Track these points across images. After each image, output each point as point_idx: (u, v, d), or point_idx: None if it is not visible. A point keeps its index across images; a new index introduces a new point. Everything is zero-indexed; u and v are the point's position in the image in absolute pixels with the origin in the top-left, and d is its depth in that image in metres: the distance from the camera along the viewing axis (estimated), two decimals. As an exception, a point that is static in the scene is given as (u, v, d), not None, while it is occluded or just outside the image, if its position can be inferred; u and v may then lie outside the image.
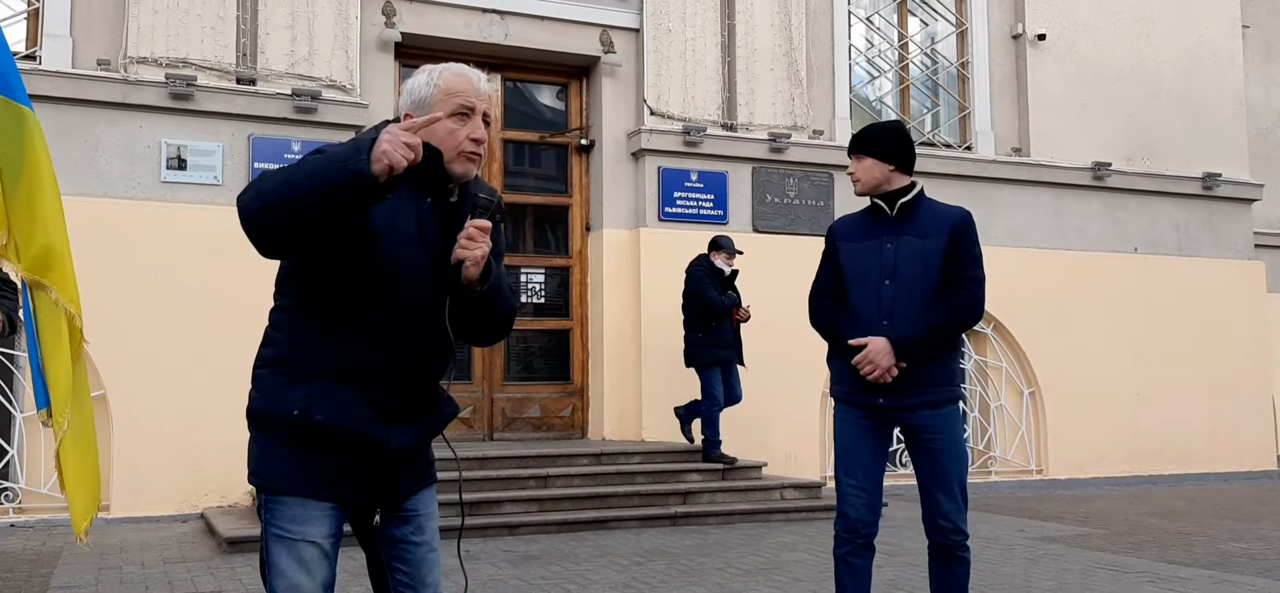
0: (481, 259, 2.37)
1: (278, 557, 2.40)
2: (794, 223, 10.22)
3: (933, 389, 3.83)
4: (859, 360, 3.80)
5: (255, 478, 2.46)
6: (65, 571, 6.10)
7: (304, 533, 2.39)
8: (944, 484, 3.84)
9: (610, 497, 8.00)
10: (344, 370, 2.38)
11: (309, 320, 2.41)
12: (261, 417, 2.44)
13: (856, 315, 3.89)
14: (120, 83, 8.13)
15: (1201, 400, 11.83)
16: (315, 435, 2.36)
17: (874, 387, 3.83)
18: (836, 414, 4.01)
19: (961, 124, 11.57)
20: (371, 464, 2.44)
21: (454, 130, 2.41)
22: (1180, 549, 7.03)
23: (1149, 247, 11.90)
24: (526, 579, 5.88)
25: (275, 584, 2.40)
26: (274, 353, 2.45)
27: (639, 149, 9.79)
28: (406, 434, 2.47)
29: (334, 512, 2.44)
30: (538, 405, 9.82)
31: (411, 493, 2.56)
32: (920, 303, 3.82)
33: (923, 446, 3.86)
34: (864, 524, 3.86)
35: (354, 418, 2.37)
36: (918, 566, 6.06)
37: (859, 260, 3.94)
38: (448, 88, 2.43)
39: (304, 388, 2.36)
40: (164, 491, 7.91)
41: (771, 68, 10.30)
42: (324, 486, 2.40)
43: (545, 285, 10.13)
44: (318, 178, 2.13)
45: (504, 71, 9.94)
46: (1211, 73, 12.44)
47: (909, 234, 3.90)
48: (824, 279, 4.07)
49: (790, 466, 9.62)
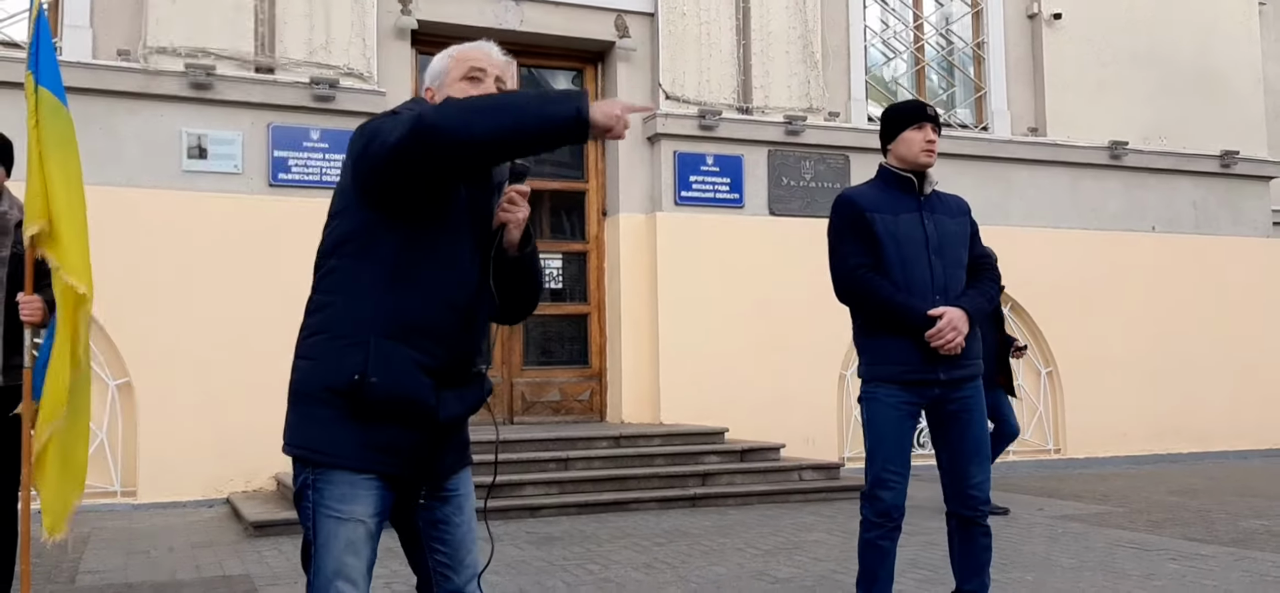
0: (523, 221, 2.48)
1: (326, 536, 2.39)
2: (810, 206, 10.21)
3: (972, 362, 3.88)
4: (938, 330, 3.73)
5: (299, 449, 2.43)
6: (94, 556, 6.19)
7: (352, 512, 2.39)
8: (977, 455, 3.89)
9: (629, 479, 8.05)
10: (400, 328, 2.38)
11: (366, 277, 2.40)
12: (312, 386, 2.41)
13: (910, 290, 3.78)
14: (140, 73, 8.20)
15: (1221, 379, 11.80)
16: (369, 405, 2.36)
17: (935, 362, 3.78)
18: (877, 397, 3.87)
19: (978, 104, 11.54)
20: (420, 436, 2.45)
21: (467, 91, 2.52)
22: (1201, 527, 7.03)
23: (1167, 225, 11.86)
24: (549, 560, 5.93)
25: (322, 565, 2.38)
26: (326, 317, 2.43)
27: (655, 134, 9.81)
28: (454, 404, 2.48)
29: (381, 489, 2.43)
30: (557, 389, 9.88)
31: (453, 472, 2.60)
32: (961, 280, 3.89)
33: (957, 419, 3.89)
34: (897, 509, 3.87)
35: (409, 384, 2.38)
36: (937, 545, 6.09)
37: (901, 233, 3.82)
38: (461, 56, 2.60)
39: (361, 352, 2.36)
40: (189, 476, 7.99)
41: (787, 50, 10.29)
42: (375, 458, 2.39)
43: (563, 271, 10.16)
44: (537, 118, 2.21)
45: (519, 57, 9.88)
46: (1228, 50, 12.36)
47: (940, 213, 3.92)
48: (860, 251, 3.85)
49: (809, 448, 9.65)
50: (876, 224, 3.83)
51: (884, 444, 3.86)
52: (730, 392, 9.53)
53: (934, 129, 3.91)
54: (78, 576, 5.65)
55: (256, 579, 5.50)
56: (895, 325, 3.80)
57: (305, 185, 8.55)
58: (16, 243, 4.24)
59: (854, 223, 3.87)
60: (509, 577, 5.45)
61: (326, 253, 2.49)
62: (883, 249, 3.82)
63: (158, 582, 5.48)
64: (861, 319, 3.96)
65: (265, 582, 5.43)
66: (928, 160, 3.89)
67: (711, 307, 9.69)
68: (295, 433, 2.45)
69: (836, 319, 4.08)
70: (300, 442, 2.43)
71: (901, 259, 3.81)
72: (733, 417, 9.28)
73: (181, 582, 5.48)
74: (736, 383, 9.59)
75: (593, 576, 5.53)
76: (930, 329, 3.74)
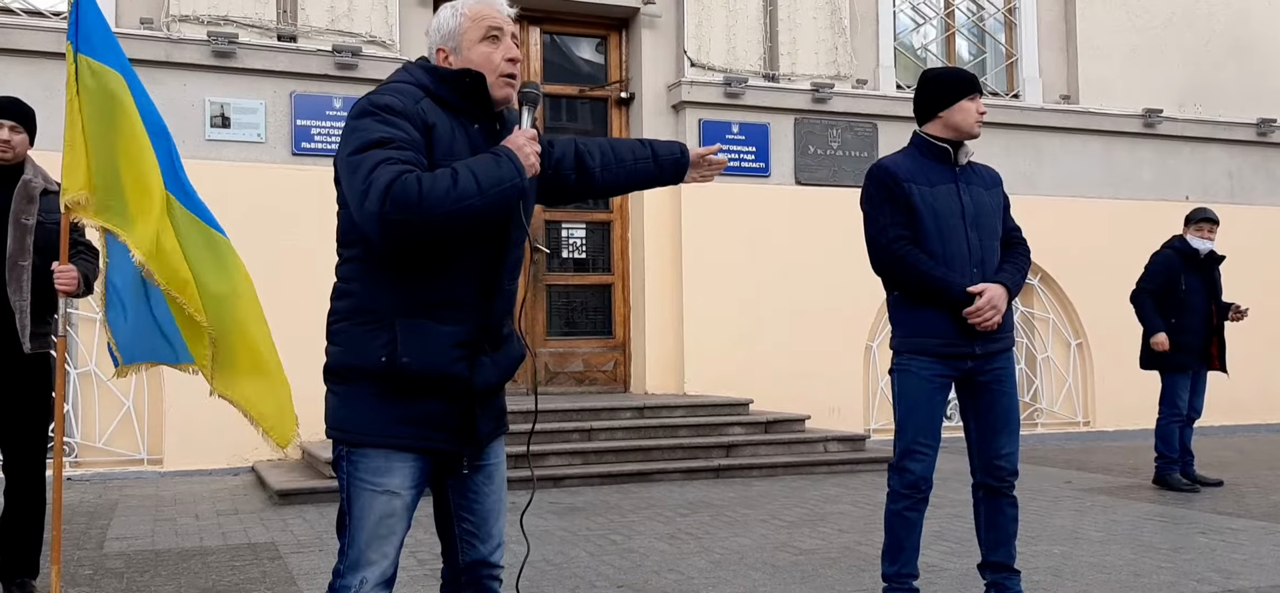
0: (537, 156, 2.45)
1: (361, 510, 2.41)
2: (837, 175, 10.11)
3: (1006, 334, 3.86)
4: (978, 308, 3.68)
5: (336, 431, 2.45)
6: (121, 522, 6.24)
7: (386, 484, 2.40)
8: (1008, 425, 3.87)
9: (653, 450, 8.03)
10: (424, 306, 2.38)
11: (383, 261, 2.39)
12: (344, 369, 2.43)
13: (948, 263, 3.73)
14: (163, 41, 8.19)
15: (1254, 351, 11.57)
16: (402, 381, 2.36)
17: (971, 335, 3.74)
18: (910, 369, 3.82)
19: (1009, 71, 11.36)
20: (456, 407, 2.44)
21: (489, 54, 2.48)
22: (1231, 501, 6.93)
23: (1201, 194, 11.63)
24: (573, 530, 5.92)
25: (357, 537, 2.41)
26: (350, 303, 2.44)
27: (680, 102, 9.71)
28: (488, 370, 2.47)
29: (418, 462, 2.44)
30: (580, 360, 9.86)
31: (490, 439, 2.58)
32: (996, 253, 3.85)
33: (989, 389, 3.85)
34: (925, 480, 3.85)
35: (439, 358, 2.37)
36: (962, 517, 6.03)
37: (939, 205, 3.76)
38: (475, 15, 2.51)
39: (387, 333, 2.36)
40: (215, 444, 8.03)
41: (814, 16, 10.15)
42: (410, 434, 2.40)
43: (586, 241, 10.11)
44: (491, 197, 2.31)
45: (542, 24, 9.88)
46: (1265, 16, 12.10)
47: (975, 184, 3.86)
48: (898, 222, 3.78)
49: (834, 418, 9.59)
50: (913, 195, 3.77)
51: (916, 415, 3.83)
52: (754, 362, 9.48)
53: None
54: (106, 542, 5.69)
55: (282, 547, 5.52)
56: (933, 299, 3.75)
57: (328, 154, 8.53)
58: (41, 211, 4.25)
59: (890, 193, 3.80)
60: (533, 547, 5.41)
61: (341, 240, 2.49)
62: (920, 220, 3.76)
63: (185, 549, 5.51)
64: (898, 291, 3.89)
65: (290, 550, 5.46)
66: (978, 131, 3.84)
67: (736, 277, 9.63)
68: (333, 415, 2.47)
69: (862, 289, 4.05)
70: (337, 423, 2.46)
71: (939, 231, 3.75)
72: (757, 388, 9.23)
73: (208, 549, 5.51)
74: (761, 354, 9.54)
75: (616, 546, 5.52)
76: (969, 306, 3.69)
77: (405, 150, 2.29)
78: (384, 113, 2.35)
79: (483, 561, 2.59)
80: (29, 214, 4.24)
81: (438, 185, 2.24)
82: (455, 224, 2.28)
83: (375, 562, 2.41)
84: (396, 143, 2.30)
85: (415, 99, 2.40)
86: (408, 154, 2.29)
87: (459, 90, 2.46)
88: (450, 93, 2.46)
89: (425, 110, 2.39)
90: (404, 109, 2.36)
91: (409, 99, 2.39)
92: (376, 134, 2.31)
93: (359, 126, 2.35)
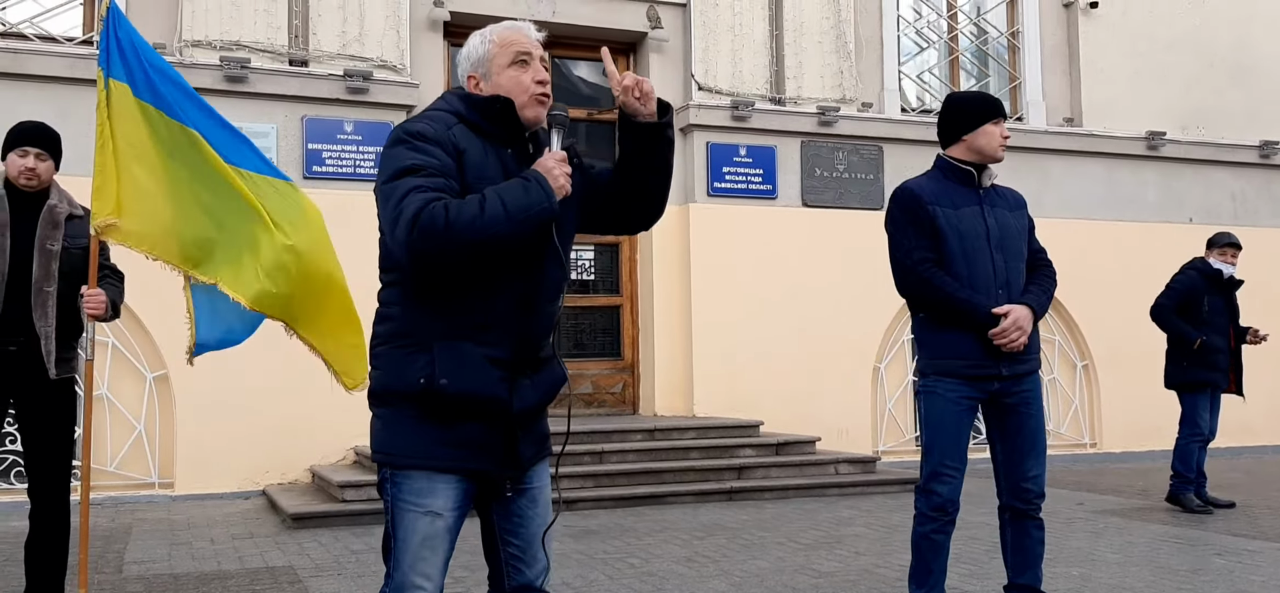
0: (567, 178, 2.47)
1: (406, 532, 2.42)
2: (843, 197, 10.15)
3: (1033, 356, 3.87)
4: (1003, 329, 3.70)
5: (380, 454, 2.47)
6: (138, 546, 6.23)
7: (429, 505, 2.42)
8: (1035, 447, 3.89)
9: (665, 472, 8.02)
10: (462, 329, 2.40)
11: (421, 286, 2.42)
12: (386, 393, 2.46)
13: (973, 285, 3.76)
14: (176, 66, 8.16)
15: (1260, 372, 11.56)
16: (442, 404, 2.39)
17: (998, 357, 3.76)
18: (937, 391, 3.84)
19: (1012, 94, 11.42)
20: (497, 429, 2.46)
21: (519, 78, 2.52)
22: (1245, 522, 6.94)
23: (1205, 217, 11.68)
24: (589, 554, 5.92)
25: (402, 559, 2.42)
26: (390, 327, 2.47)
27: (687, 125, 9.77)
28: (528, 392, 2.50)
29: (462, 484, 2.46)
30: (589, 382, 9.86)
31: (533, 463, 2.59)
32: (1022, 275, 3.87)
33: (1017, 412, 3.87)
34: (952, 503, 3.86)
35: (478, 381, 2.40)
36: (980, 539, 6.05)
37: (964, 228, 3.79)
38: (503, 41, 2.57)
39: (426, 356, 2.38)
40: (226, 468, 8.03)
41: (819, 40, 10.22)
42: (452, 457, 2.42)
43: (595, 262, 10.14)
44: (519, 222, 2.32)
45: (550, 49, 9.81)
46: (1267, 39, 12.18)
47: (1000, 206, 3.89)
48: (923, 245, 3.81)
49: (843, 440, 9.60)
50: (939, 217, 3.79)
51: (943, 438, 3.83)
52: (763, 384, 9.49)
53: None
54: (124, 566, 5.68)
55: (300, 571, 5.51)
56: (959, 321, 3.77)
57: (339, 177, 8.57)
58: (67, 237, 4.26)
59: (915, 216, 3.83)
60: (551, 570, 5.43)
61: (381, 265, 2.53)
62: (945, 242, 3.78)
63: (203, 573, 5.50)
64: (924, 313, 3.91)
65: (309, 573, 5.45)
66: (1002, 155, 3.88)
67: (744, 298, 9.65)
68: (377, 438, 2.50)
69: (869, 310, 4.08)
70: (381, 446, 2.49)
71: (964, 252, 3.77)
72: (766, 409, 9.24)
73: (227, 573, 5.50)
74: (769, 375, 9.55)
75: (634, 569, 5.51)
76: (994, 328, 3.71)
77: (436, 177, 2.33)
78: (416, 140, 2.38)
79: (529, 585, 2.61)
80: (54, 240, 4.25)
81: (464, 213, 2.27)
82: (484, 251, 2.31)
83: (420, 584, 2.43)
84: (427, 170, 2.33)
85: (448, 125, 2.45)
86: (438, 182, 2.33)
87: (489, 116, 2.50)
88: (481, 118, 2.50)
89: (457, 136, 2.43)
90: (436, 136, 2.40)
91: (441, 126, 2.44)
92: (407, 161, 2.35)
93: (392, 155, 2.39)
